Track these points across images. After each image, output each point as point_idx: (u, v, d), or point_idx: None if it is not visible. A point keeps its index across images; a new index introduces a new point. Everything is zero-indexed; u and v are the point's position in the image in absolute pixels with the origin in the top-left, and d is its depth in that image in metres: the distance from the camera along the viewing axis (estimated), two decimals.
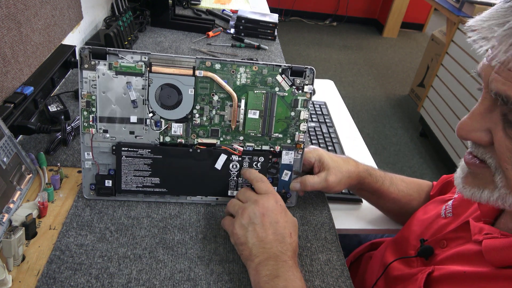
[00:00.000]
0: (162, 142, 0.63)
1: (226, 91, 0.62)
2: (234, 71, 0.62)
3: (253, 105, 0.64)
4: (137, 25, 1.30)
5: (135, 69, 0.60)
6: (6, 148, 0.62)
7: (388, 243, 0.74)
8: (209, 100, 0.63)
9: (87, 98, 0.60)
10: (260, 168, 0.66)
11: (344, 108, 1.28)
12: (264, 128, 0.65)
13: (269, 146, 0.66)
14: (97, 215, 0.64)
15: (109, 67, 0.59)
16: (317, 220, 0.71)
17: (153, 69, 0.60)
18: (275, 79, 0.63)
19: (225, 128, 0.64)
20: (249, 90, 0.63)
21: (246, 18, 1.41)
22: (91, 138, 0.62)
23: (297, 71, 0.63)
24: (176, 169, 0.64)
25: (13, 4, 0.72)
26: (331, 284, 0.60)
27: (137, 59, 0.59)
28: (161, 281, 0.56)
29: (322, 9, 4.60)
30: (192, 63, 0.61)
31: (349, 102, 2.94)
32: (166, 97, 0.61)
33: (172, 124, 0.63)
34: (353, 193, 0.83)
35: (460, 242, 0.56)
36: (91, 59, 0.58)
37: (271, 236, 0.57)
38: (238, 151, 0.65)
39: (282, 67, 0.63)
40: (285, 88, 0.63)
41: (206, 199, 0.68)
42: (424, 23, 4.71)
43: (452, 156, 2.20)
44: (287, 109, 0.64)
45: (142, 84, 0.60)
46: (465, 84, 2.11)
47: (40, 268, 0.55)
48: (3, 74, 0.72)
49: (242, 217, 0.58)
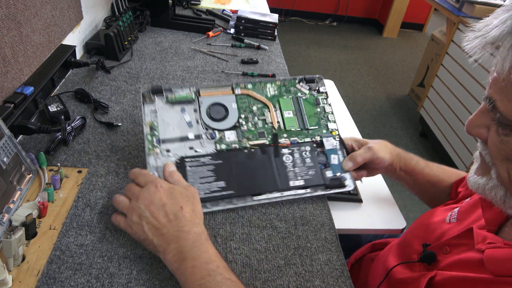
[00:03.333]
0: (219, 149, 0.71)
1: (262, 101, 0.77)
2: (263, 87, 0.78)
3: (286, 107, 0.78)
4: (137, 25, 1.30)
5: (187, 97, 0.74)
6: (6, 148, 0.62)
7: (392, 246, 0.74)
8: (250, 110, 0.76)
9: (150, 125, 0.70)
10: (309, 158, 0.74)
11: (344, 108, 1.28)
12: (300, 123, 0.77)
13: (310, 138, 0.76)
14: (97, 215, 0.64)
15: (166, 100, 0.72)
16: (317, 220, 0.71)
17: (201, 94, 0.74)
18: (296, 88, 0.80)
19: (269, 129, 0.75)
20: (279, 98, 0.78)
21: (246, 18, 1.41)
22: (156, 158, 0.68)
23: (309, 79, 0.81)
24: (238, 170, 0.70)
25: (13, 4, 0.72)
26: (331, 284, 0.60)
27: (187, 91, 0.74)
28: (161, 281, 0.56)
29: (322, 9, 4.60)
30: (230, 85, 0.77)
31: (349, 102, 2.94)
32: (216, 112, 0.74)
33: (224, 132, 0.73)
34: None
35: (463, 249, 0.56)
36: (151, 95, 0.71)
37: (163, 220, 0.57)
38: (286, 144, 0.74)
39: (298, 78, 0.80)
40: (305, 92, 0.80)
41: (271, 196, 0.70)
42: (424, 23, 4.71)
43: (452, 156, 2.20)
44: (313, 106, 0.79)
45: (194, 108, 0.73)
46: (465, 84, 2.11)
47: (40, 268, 0.55)
48: (3, 74, 0.72)
49: (132, 215, 0.58)
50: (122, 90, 0.99)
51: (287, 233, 0.67)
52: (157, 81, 1.05)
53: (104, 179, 0.71)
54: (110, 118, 0.88)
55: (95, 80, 1.02)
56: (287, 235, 0.67)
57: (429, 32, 4.57)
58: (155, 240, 0.56)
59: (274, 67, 1.24)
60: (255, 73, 1.16)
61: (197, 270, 0.52)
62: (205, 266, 0.52)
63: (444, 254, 0.58)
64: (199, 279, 0.51)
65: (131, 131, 0.85)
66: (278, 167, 0.73)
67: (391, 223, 0.84)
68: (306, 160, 0.74)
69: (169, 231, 0.56)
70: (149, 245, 0.57)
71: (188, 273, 0.52)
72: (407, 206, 2.05)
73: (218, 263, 0.53)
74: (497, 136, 0.46)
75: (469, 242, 0.56)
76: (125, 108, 0.92)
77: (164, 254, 0.55)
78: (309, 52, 3.78)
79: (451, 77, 2.25)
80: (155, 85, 0.71)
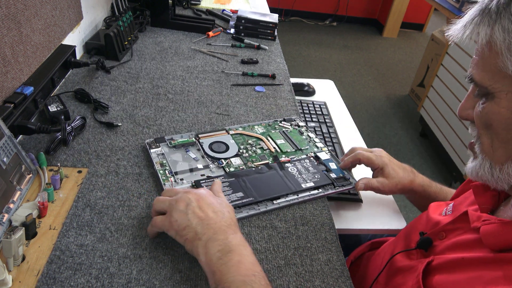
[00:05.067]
0: (228, 172, 0.77)
1: (255, 137, 0.88)
2: (252, 128, 0.91)
3: (277, 137, 0.89)
4: (137, 25, 1.30)
5: (188, 141, 0.83)
6: (6, 148, 0.62)
7: (391, 241, 0.75)
8: (247, 143, 0.86)
9: (160, 162, 0.76)
10: (311, 167, 0.82)
11: (344, 108, 1.28)
12: (293, 146, 0.87)
13: (305, 155, 0.85)
14: (97, 215, 0.64)
15: (168, 144, 0.81)
16: (317, 220, 0.71)
17: (200, 137, 0.84)
18: (279, 125, 0.94)
19: (268, 154, 0.84)
20: (268, 133, 0.90)
21: (246, 18, 1.41)
22: (172, 185, 0.72)
23: (288, 119, 0.97)
24: (251, 183, 0.75)
25: (13, 4, 0.72)
26: (331, 284, 0.60)
27: (186, 137, 0.83)
28: (161, 281, 0.56)
29: (322, 9, 4.60)
30: (224, 129, 0.88)
31: (349, 102, 2.94)
32: (217, 147, 0.83)
33: (230, 159, 0.80)
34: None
35: (459, 233, 0.58)
36: (156, 143, 0.80)
37: (212, 214, 0.57)
38: (287, 160, 0.82)
39: (279, 120, 0.96)
40: (288, 127, 0.94)
41: (289, 199, 0.73)
42: (424, 23, 4.71)
43: (452, 156, 2.20)
44: (299, 135, 0.91)
45: (197, 148, 0.82)
46: (465, 84, 2.11)
47: (40, 268, 0.55)
48: (3, 74, 0.72)
49: (178, 204, 0.58)
50: (122, 90, 0.99)
51: (287, 233, 0.67)
52: (157, 81, 1.05)
53: (104, 179, 0.71)
54: (110, 118, 0.88)
55: (95, 80, 1.02)
56: (287, 235, 0.67)
57: (429, 32, 4.57)
58: (198, 228, 0.56)
59: (274, 67, 1.24)
60: (255, 73, 1.16)
61: (243, 266, 0.52)
62: (250, 266, 0.53)
63: (440, 240, 0.60)
64: (243, 275, 0.51)
65: (131, 131, 0.85)
66: (286, 176, 0.78)
67: (391, 223, 0.84)
68: (309, 169, 0.81)
69: (217, 224, 0.56)
70: (188, 232, 0.56)
71: (232, 266, 0.52)
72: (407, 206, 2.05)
73: (261, 270, 0.54)
74: (478, 108, 0.52)
75: (464, 225, 0.57)
76: (125, 108, 0.92)
77: (208, 243, 0.54)
78: (309, 52, 3.78)
79: (451, 77, 2.25)
80: (157, 137, 0.82)
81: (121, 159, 0.77)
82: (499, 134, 0.50)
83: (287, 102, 1.06)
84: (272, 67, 1.24)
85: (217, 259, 0.53)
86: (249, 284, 0.50)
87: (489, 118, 0.50)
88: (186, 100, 0.99)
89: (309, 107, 1.18)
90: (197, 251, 0.55)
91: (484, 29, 0.47)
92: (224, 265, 0.52)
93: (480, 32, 0.47)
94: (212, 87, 1.07)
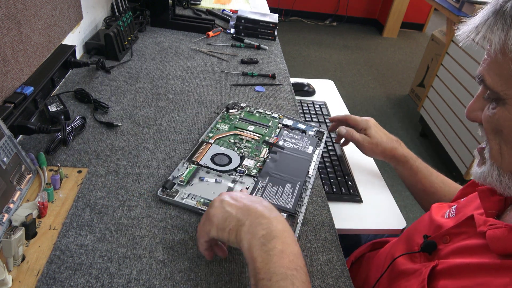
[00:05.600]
0: (256, 173, 0.77)
1: (228, 135, 0.87)
2: (216, 129, 0.89)
3: (243, 126, 0.91)
4: (137, 25, 1.30)
5: (191, 171, 0.75)
6: (6, 148, 0.62)
7: (394, 242, 0.74)
8: (231, 143, 0.85)
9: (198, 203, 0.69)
10: (295, 135, 0.90)
11: (344, 108, 1.28)
12: (262, 126, 0.90)
13: (278, 128, 0.92)
14: (97, 215, 0.64)
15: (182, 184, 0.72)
16: (317, 220, 0.71)
17: (196, 159, 0.78)
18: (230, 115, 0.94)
19: (257, 142, 0.86)
20: (233, 125, 0.91)
21: (246, 18, 1.41)
22: None
23: (230, 105, 0.97)
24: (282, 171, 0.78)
25: (13, 4, 0.72)
26: (331, 284, 0.60)
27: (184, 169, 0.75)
28: (161, 281, 0.56)
29: (322, 9, 4.60)
30: (203, 142, 0.83)
31: (349, 102, 2.94)
32: (220, 160, 0.79)
33: (243, 164, 0.79)
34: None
35: (464, 237, 0.57)
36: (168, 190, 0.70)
37: (249, 203, 0.55)
38: (275, 139, 0.87)
39: (223, 111, 0.95)
40: (240, 113, 0.96)
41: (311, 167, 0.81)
42: (424, 23, 4.71)
43: (452, 156, 2.20)
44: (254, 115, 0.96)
45: (206, 171, 0.76)
46: (465, 84, 2.11)
47: (40, 268, 0.55)
48: (3, 74, 0.72)
49: (212, 205, 0.57)
50: (122, 90, 0.99)
51: None
52: (157, 81, 1.05)
53: (104, 179, 0.71)
54: (110, 118, 0.88)
55: (95, 80, 1.02)
56: None
57: (429, 32, 4.57)
58: (240, 215, 0.53)
59: (274, 67, 1.24)
60: (255, 73, 1.16)
61: (286, 257, 0.49)
62: (294, 258, 0.50)
63: (445, 244, 0.59)
64: (287, 267, 0.48)
65: (131, 131, 0.85)
66: (292, 151, 0.84)
67: (391, 223, 0.84)
68: (295, 137, 0.89)
69: (257, 209, 0.54)
70: (231, 221, 0.53)
71: (275, 255, 0.49)
72: (407, 206, 2.05)
73: (304, 263, 0.51)
74: (487, 112, 0.50)
75: (469, 230, 0.56)
76: (125, 108, 0.92)
77: (251, 226, 0.52)
78: (309, 52, 3.78)
79: (451, 77, 2.25)
80: (163, 185, 0.71)
81: (121, 159, 0.77)
82: (509, 141, 0.48)
83: (287, 102, 1.06)
84: (272, 67, 1.24)
85: (260, 245, 0.50)
86: (289, 279, 0.47)
87: (499, 124, 0.48)
88: (186, 100, 0.99)
89: (309, 107, 1.18)
90: (240, 238, 0.52)
91: (498, 34, 0.44)
92: (266, 253, 0.49)
93: (493, 36, 0.45)
94: (212, 87, 1.07)
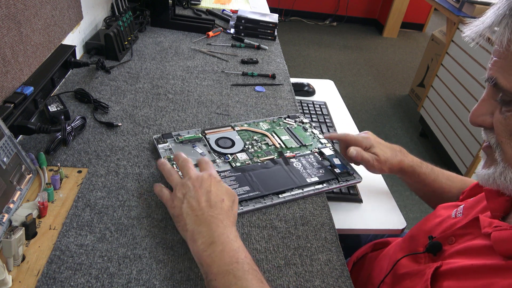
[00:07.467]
0: (235, 167, 0.78)
1: (260, 133, 0.89)
2: (257, 125, 0.92)
3: (281, 134, 0.90)
4: (137, 25, 1.30)
5: (195, 137, 0.84)
6: (6, 148, 0.62)
7: (397, 242, 0.74)
8: (252, 139, 0.87)
9: (167, 157, 0.77)
10: (316, 162, 0.83)
11: (344, 108, 1.28)
12: (297, 142, 0.88)
13: (310, 151, 0.86)
14: (97, 215, 0.64)
15: (176, 140, 0.82)
16: (317, 220, 0.71)
17: (206, 133, 0.86)
18: (284, 122, 0.95)
19: (273, 149, 0.85)
20: (273, 129, 0.91)
21: (246, 18, 1.41)
22: None
23: (292, 116, 0.97)
24: (257, 177, 0.76)
25: (13, 4, 0.72)
26: (331, 284, 0.60)
27: (192, 133, 0.85)
28: (161, 281, 0.56)
29: (322, 9, 4.60)
30: (229, 125, 0.90)
31: (349, 102, 2.94)
32: (223, 143, 0.83)
33: (236, 154, 0.81)
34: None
35: (469, 238, 0.56)
36: (163, 139, 0.82)
37: (204, 204, 0.59)
38: (292, 155, 0.83)
39: (283, 117, 0.96)
40: (293, 124, 0.95)
41: (294, 193, 0.74)
42: (424, 23, 4.71)
43: (452, 156, 2.20)
44: (303, 132, 0.92)
45: (203, 143, 0.83)
46: (465, 84, 2.11)
47: (40, 268, 0.55)
48: (3, 74, 0.72)
49: (179, 191, 0.61)
50: (122, 90, 0.99)
51: (287, 233, 0.67)
52: (157, 81, 1.05)
53: (104, 179, 0.71)
54: (110, 118, 0.88)
55: (95, 80, 1.02)
56: (287, 235, 0.67)
57: (429, 32, 4.57)
58: (187, 219, 0.58)
59: (274, 67, 1.24)
60: (255, 73, 1.16)
61: (226, 255, 0.53)
62: (233, 254, 0.53)
63: (450, 245, 0.58)
64: (227, 263, 0.52)
65: (131, 131, 0.85)
66: (291, 170, 0.79)
67: (391, 223, 0.84)
68: (314, 164, 0.82)
69: (204, 214, 0.58)
70: (180, 221, 0.59)
71: (216, 256, 0.53)
72: (407, 206, 2.05)
73: (246, 254, 0.54)
74: (501, 115, 0.48)
75: (475, 231, 0.56)
76: (125, 108, 0.92)
77: (193, 234, 0.56)
78: (309, 52, 3.78)
79: (451, 77, 2.25)
80: (164, 132, 0.84)
81: (121, 159, 0.77)
82: None
83: (287, 102, 1.06)
84: (272, 67, 1.24)
85: (202, 252, 0.54)
86: (231, 273, 0.51)
87: None
88: (186, 100, 0.99)
89: (309, 107, 1.18)
90: (185, 239, 0.58)
91: None
92: (208, 257, 0.53)
93: (508, 35, 0.43)
94: (212, 87, 1.07)
